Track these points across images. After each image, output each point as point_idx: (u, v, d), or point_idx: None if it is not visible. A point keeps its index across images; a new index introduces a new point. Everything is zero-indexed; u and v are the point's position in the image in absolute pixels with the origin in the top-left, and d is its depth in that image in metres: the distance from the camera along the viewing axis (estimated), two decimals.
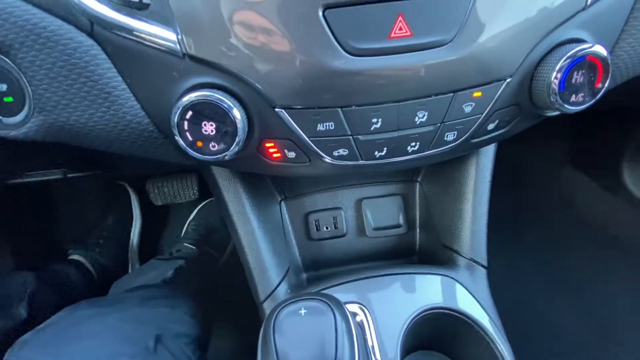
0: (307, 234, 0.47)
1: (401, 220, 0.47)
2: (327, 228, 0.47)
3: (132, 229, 0.95)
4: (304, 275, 0.46)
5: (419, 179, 0.48)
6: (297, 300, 0.20)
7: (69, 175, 0.54)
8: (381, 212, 0.47)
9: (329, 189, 0.48)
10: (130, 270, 0.91)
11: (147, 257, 0.94)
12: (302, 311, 0.20)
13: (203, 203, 0.94)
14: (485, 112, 0.24)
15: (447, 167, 0.43)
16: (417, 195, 0.48)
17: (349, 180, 0.47)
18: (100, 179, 0.92)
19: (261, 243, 0.38)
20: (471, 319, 0.35)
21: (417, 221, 0.47)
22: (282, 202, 0.47)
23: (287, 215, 0.47)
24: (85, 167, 0.54)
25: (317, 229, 0.47)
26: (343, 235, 0.47)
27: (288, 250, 0.46)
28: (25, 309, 0.61)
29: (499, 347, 0.34)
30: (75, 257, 0.82)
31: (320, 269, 0.47)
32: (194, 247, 0.82)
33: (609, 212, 0.90)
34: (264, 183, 0.44)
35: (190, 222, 0.92)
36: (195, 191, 0.96)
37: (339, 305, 0.21)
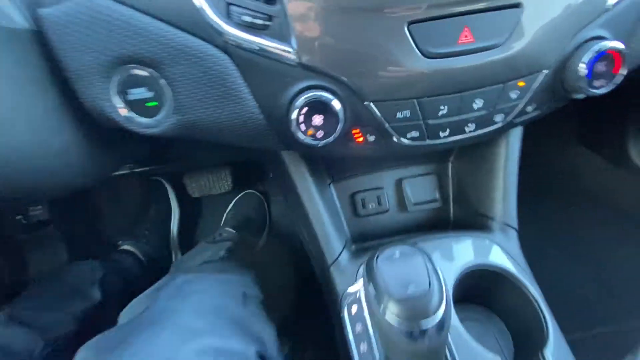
0: (354, 211, 0.54)
1: (437, 195, 0.54)
2: (372, 205, 0.53)
3: (172, 221, 1.02)
4: (354, 247, 0.53)
5: (451, 159, 0.54)
6: (390, 247, 0.27)
7: (135, 170, 0.60)
8: (419, 189, 0.53)
9: (371, 172, 0.54)
10: (173, 258, 0.99)
11: (186, 245, 1.01)
12: (397, 254, 0.26)
13: (239, 195, 1.01)
14: (527, 97, 0.30)
15: (478, 148, 0.49)
16: (450, 173, 0.54)
17: (389, 162, 0.53)
18: (143, 176, 0.98)
19: (324, 217, 0.45)
20: (508, 272, 0.41)
21: (451, 195, 0.54)
22: (331, 184, 0.54)
23: (336, 196, 0.53)
24: (154, 162, 0.61)
25: (363, 207, 0.54)
26: (386, 211, 0.54)
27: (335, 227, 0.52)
28: (99, 292, 0.69)
29: (534, 296, 0.40)
30: (126, 247, 0.90)
31: (367, 241, 0.54)
32: (235, 232, 0.89)
33: (616, 184, 0.96)
34: (319, 167, 0.50)
35: (228, 212, 0.99)
36: (229, 182, 1.03)
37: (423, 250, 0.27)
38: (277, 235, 1.05)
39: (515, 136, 0.46)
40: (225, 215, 1.01)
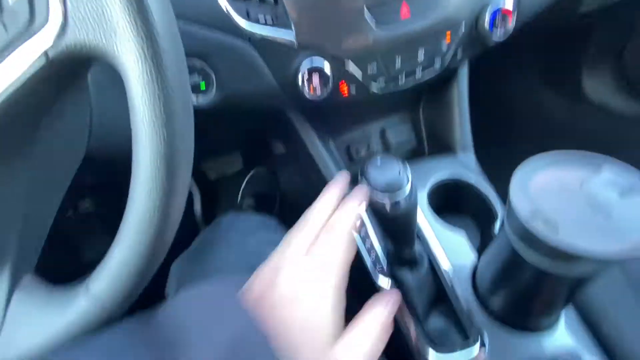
0: (350, 158, 0.68)
1: (413, 137, 0.68)
2: (363, 152, 0.68)
3: (195, 202, 1.16)
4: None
5: (421, 108, 0.69)
6: (374, 158, 0.40)
7: None
8: (399, 134, 0.68)
9: (360, 126, 0.68)
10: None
11: (210, 221, 1.16)
12: (379, 161, 0.40)
13: (250, 173, 1.15)
14: (454, 46, 0.44)
15: (438, 96, 0.63)
16: (421, 118, 0.69)
17: (373, 116, 0.67)
18: None
19: (329, 161, 0.59)
20: (466, 181, 0.56)
21: (424, 136, 0.68)
22: (330, 141, 0.68)
23: (335, 150, 0.68)
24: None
25: (357, 154, 0.68)
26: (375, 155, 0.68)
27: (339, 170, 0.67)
28: None
29: (486, 193, 0.55)
30: None
31: None
32: (254, 200, 1.04)
33: (574, 119, 1.10)
34: (319, 130, 0.64)
35: (243, 188, 1.13)
36: (240, 163, 1.17)
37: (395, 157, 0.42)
38: (287, 204, 1.19)
39: (463, 84, 0.60)
40: (241, 191, 1.15)
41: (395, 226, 0.40)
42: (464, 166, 0.58)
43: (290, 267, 0.26)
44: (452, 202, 0.61)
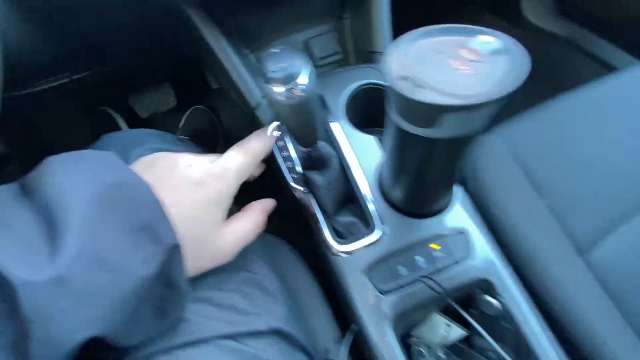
0: None
1: (339, 49, 0.65)
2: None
3: None
4: None
5: (346, 17, 0.65)
6: (275, 48, 0.37)
7: (74, 77, 0.66)
8: (323, 46, 0.64)
9: (281, 37, 0.64)
10: None
11: None
12: (278, 50, 0.36)
13: (188, 111, 1.07)
14: None
15: (360, 6, 0.59)
16: (346, 28, 0.65)
17: (295, 25, 0.63)
18: (85, 106, 1.01)
19: (242, 70, 0.55)
20: (386, 86, 0.55)
21: (351, 47, 0.65)
22: (251, 54, 0.63)
23: (255, 62, 0.63)
24: (89, 65, 0.66)
25: None
26: None
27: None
28: None
29: None
30: None
31: None
32: (189, 139, 0.99)
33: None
34: (233, 36, 0.58)
35: (181, 127, 1.06)
36: (173, 98, 1.08)
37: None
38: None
39: None
40: (178, 131, 1.09)
41: (294, 117, 0.38)
42: (382, 70, 0.57)
43: (197, 159, 0.28)
44: (370, 116, 0.60)
